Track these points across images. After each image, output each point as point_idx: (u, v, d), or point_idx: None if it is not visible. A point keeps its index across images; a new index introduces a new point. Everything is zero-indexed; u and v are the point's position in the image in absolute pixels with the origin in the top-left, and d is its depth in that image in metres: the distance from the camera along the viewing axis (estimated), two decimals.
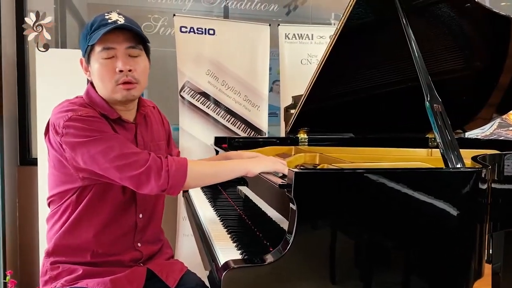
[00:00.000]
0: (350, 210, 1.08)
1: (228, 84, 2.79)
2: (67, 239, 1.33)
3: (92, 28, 1.28)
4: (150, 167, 1.19)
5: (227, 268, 1.01)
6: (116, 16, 1.29)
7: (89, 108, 1.29)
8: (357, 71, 2.06)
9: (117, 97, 1.31)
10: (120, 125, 1.35)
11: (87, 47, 1.29)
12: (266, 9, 3.19)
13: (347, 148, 2.19)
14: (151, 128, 1.47)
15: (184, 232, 2.71)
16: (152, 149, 1.42)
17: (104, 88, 1.31)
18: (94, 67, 1.30)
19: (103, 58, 1.28)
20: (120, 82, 1.28)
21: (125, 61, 1.28)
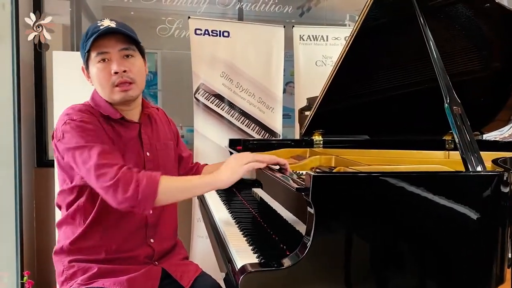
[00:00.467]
0: (368, 213, 1.06)
1: (243, 86, 2.79)
2: (81, 238, 1.35)
3: (87, 35, 1.34)
4: (118, 180, 1.19)
5: (244, 272, 1.00)
6: (108, 22, 1.36)
7: (86, 113, 1.32)
8: (373, 73, 2.04)
9: (116, 99, 1.36)
10: (124, 125, 1.40)
11: (85, 54, 1.36)
12: (280, 11, 3.19)
13: (362, 151, 2.17)
14: (156, 128, 1.51)
15: (199, 234, 2.72)
16: (159, 148, 1.47)
17: (103, 91, 1.37)
18: (92, 72, 1.36)
19: (99, 62, 1.34)
20: (117, 83, 1.33)
21: (120, 62, 1.33)
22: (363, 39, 1.77)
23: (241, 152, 2.14)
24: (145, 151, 1.42)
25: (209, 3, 3.09)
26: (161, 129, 1.53)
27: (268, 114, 2.83)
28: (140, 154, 1.41)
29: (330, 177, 1.07)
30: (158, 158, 1.45)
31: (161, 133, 1.52)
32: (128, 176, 1.19)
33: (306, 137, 2.33)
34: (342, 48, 1.85)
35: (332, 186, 1.04)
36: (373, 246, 1.07)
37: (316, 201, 1.01)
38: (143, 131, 1.43)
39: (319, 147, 2.30)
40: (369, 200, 1.06)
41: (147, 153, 1.42)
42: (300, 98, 2.87)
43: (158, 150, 1.46)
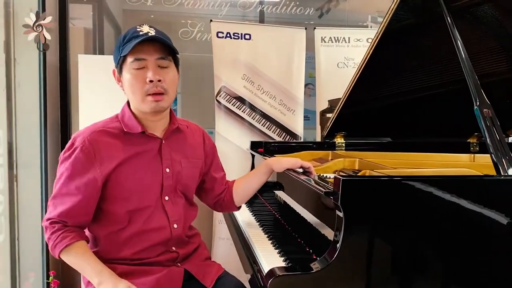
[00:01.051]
0: (397, 217, 1.05)
1: (264, 89, 2.79)
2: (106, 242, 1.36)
3: (125, 40, 1.32)
4: (46, 227, 1.31)
5: (273, 275, 1.00)
6: (148, 28, 1.33)
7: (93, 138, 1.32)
8: (397, 74, 2.02)
9: (145, 109, 1.34)
10: (145, 139, 1.38)
11: (119, 58, 1.33)
12: (301, 13, 3.18)
13: (386, 153, 2.14)
14: (184, 145, 1.46)
15: (220, 236, 2.73)
16: (184, 166, 1.43)
17: (134, 98, 1.35)
18: (126, 78, 1.34)
19: (134, 68, 1.31)
20: (150, 92, 1.31)
21: (155, 71, 1.31)
22: (388, 41, 1.75)
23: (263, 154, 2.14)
24: (164, 167, 1.39)
25: (231, 6, 3.11)
26: (190, 147, 1.48)
27: (289, 116, 2.82)
28: (159, 170, 1.38)
29: (360, 181, 1.06)
30: (180, 175, 1.41)
31: (189, 151, 1.47)
32: (48, 229, 1.30)
33: (328, 139, 2.32)
34: (367, 50, 1.84)
35: (362, 190, 1.04)
36: (402, 250, 1.06)
37: (346, 205, 1.01)
38: (164, 146, 1.40)
39: (341, 149, 2.29)
40: (398, 204, 1.06)
41: (167, 169, 1.39)
42: (321, 100, 2.86)
43: (183, 168, 1.42)
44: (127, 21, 3.37)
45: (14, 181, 2.42)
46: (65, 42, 2.65)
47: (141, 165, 1.35)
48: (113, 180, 1.32)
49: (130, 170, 1.33)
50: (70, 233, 1.28)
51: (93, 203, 1.33)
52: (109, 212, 1.34)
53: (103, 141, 1.32)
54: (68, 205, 1.29)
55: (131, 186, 1.33)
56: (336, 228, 1.05)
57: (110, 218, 1.35)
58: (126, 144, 1.35)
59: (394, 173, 1.40)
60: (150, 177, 1.36)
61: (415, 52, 1.92)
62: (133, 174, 1.34)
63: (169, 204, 1.39)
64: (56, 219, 1.30)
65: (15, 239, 2.43)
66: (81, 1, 3.21)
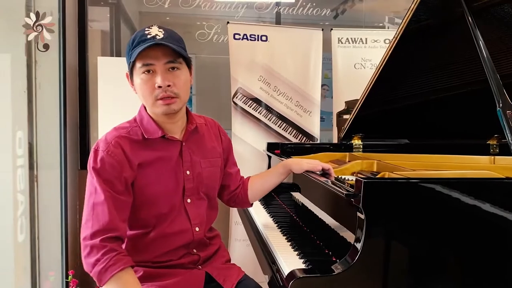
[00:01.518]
0: (419, 219, 1.04)
1: (280, 90, 2.79)
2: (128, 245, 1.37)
3: (133, 44, 1.29)
4: (86, 246, 1.23)
5: (294, 277, 1.00)
6: (156, 30, 1.29)
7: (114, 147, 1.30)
8: (416, 75, 2.00)
9: (157, 112, 1.33)
10: (165, 143, 1.37)
11: (130, 62, 1.31)
12: (318, 14, 3.17)
13: (404, 155, 2.12)
14: (202, 145, 1.45)
15: (236, 237, 2.73)
16: (204, 166, 1.42)
17: (145, 103, 1.35)
18: (136, 82, 1.32)
19: (143, 73, 1.29)
20: (159, 97, 1.29)
21: (164, 76, 1.28)
22: (407, 41, 1.74)
23: (279, 156, 2.14)
24: (184, 170, 1.38)
25: (247, 7, 3.11)
26: (209, 146, 1.47)
27: (305, 118, 2.82)
28: (180, 173, 1.37)
29: (381, 183, 1.06)
30: (201, 176, 1.42)
31: (209, 150, 1.46)
32: (97, 248, 1.21)
33: (345, 141, 2.31)
34: (385, 51, 1.83)
35: (383, 192, 1.03)
36: (423, 252, 1.05)
37: (367, 207, 1.00)
38: (184, 148, 1.39)
39: (359, 151, 2.27)
40: (419, 206, 1.05)
41: (187, 171, 1.38)
42: (338, 102, 2.85)
43: (203, 168, 1.42)
44: (143, 23, 3.40)
45: (35, 182, 2.46)
46: (84, 44, 2.69)
47: (163, 170, 1.35)
48: (137, 186, 1.32)
49: (152, 175, 1.33)
50: (123, 256, 1.23)
51: (129, 206, 1.31)
52: (133, 217, 1.34)
53: (126, 147, 1.31)
54: (111, 213, 1.24)
55: (154, 191, 1.33)
56: (357, 230, 1.04)
57: (135, 223, 1.35)
58: (148, 149, 1.34)
59: (414, 175, 1.38)
60: (173, 181, 1.36)
61: (434, 52, 1.90)
62: (156, 179, 1.34)
63: (191, 207, 1.39)
64: (104, 234, 1.22)
65: (35, 239, 2.47)
66: (98, 4, 3.24)
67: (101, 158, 1.28)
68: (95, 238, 1.22)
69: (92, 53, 2.85)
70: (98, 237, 1.22)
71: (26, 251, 2.43)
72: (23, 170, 2.39)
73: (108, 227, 1.23)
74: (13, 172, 2.31)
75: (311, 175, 1.46)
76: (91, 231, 1.23)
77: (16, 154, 2.32)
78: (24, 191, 2.39)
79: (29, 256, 2.45)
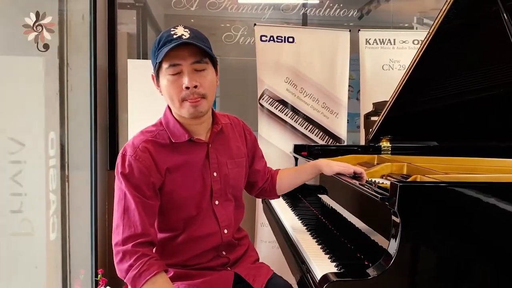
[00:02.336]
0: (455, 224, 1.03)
1: (307, 91, 2.78)
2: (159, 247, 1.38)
3: (159, 44, 1.28)
4: (118, 252, 1.24)
5: (327, 281, 0.99)
6: (182, 30, 1.28)
7: (141, 152, 1.30)
8: (447, 76, 1.97)
9: (184, 114, 1.32)
10: (191, 145, 1.36)
11: (156, 63, 1.30)
12: (345, 15, 3.15)
13: (434, 158, 2.08)
14: (228, 146, 1.45)
15: (262, 239, 2.73)
16: (230, 167, 1.42)
17: (172, 104, 1.33)
18: (163, 84, 1.30)
19: (170, 74, 1.28)
20: (187, 99, 1.28)
21: (191, 77, 1.27)
22: (439, 42, 1.71)
23: (306, 158, 2.13)
24: (212, 171, 1.38)
25: (273, 9, 3.11)
26: (234, 146, 1.47)
27: (332, 120, 2.80)
28: (207, 175, 1.37)
29: (418, 187, 1.04)
30: (228, 177, 1.41)
31: (234, 150, 1.46)
32: (129, 254, 1.23)
33: (373, 143, 2.28)
34: (416, 51, 1.80)
35: (419, 196, 1.01)
36: (460, 257, 1.03)
37: (403, 211, 0.99)
38: (211, 150, 1.39)
39: (387, 153, 2.24)
40: (456, 210, 1.03)
41: (214, 173, 1.38)
42: (366, 103, 2.82)
43: (229, 170, 1.42)
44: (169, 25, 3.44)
45: (66, 182, 2.51)
46: (114, 47, 2.74)
47: (190, 173, 1.35)
48: (165, 190, 1.33)
49: (180, 179, 1.34)
50: (156, 261, 1.24)
51: (157, 210, 1.32)
52: (162, 221, 1.36)
53: (153, 151, 1.31)
54: (141, 218, 1.25)
55: (183, 195, 1.34)
56: (391, 234, 1.03)
57: (164, 226, 1.37)
58: (175, 153, 1.34)
59: (448, 179, 1.36)
60: (200, 184, 1.36)
61: (467, 53, 1.86)
62: (184, 183, 1.34)
63: (219, 209, 1.40)
64: (136, 239, 1.24)
65: (67, 237, 2.53)
66: (125, 7, 3.30)
67: (128, 163, 1.29)
68: (127, 244, 1.23)
69: (119, 55, 2.90)
70: (130, 242, 1.23)
71: (57, 249, 2.48)
72: (55, 170, 2.44)
73: (139, 233, 1.25)
74: (45, 172, 2.36)
75: (343, 178, 1.44)
76: (123, 236, 1.25)
77: (48, 154, 2.38)
78: (56, 190, 2.45)
79: (60, 254, 2.51)
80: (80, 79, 2.49)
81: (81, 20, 2.46)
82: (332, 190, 1.73)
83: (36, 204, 2.36)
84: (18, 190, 2.32)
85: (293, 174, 1.64)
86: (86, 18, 2.46)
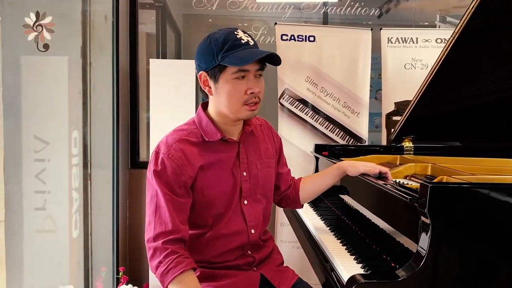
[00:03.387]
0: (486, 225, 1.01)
1: (327, 91, 2.76)
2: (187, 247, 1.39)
3: (225, 47, 1.26)
4: (149, 248, 1.27)
5: (355, 283, 0.98)
6: (243, 34, 1.30)
7: (175, 151, 1.31)
8: (473, 76, 1.92)
9: (240, 116, 1.33)
10: (223, 145, 1.38)
11: (216, 64, 1.28)
12: (366, 14, 3.12)
13: (458, 158, 2.04)
14: (257, 146, 1.47)
15: (282, 239, 2.72)
16: (260, 167, 1.43)
17: (229, 107, 1.32)
18: (224, 87, 1.29)
19: (235, 78, 1.28)
20: (248, 102, 1.30)
21: (255, 83, 1.30)
22: (465, 41, 1.67)
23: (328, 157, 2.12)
24: (242, 171, 1.39)
25: (294, 8, 3.10)
26: (263, 148, 1.48)
27: (353, 119, 2.77)
28: (237, 174, 1.38)
29: (448, 188, 1.02)
30: (257, 178, 1.42)
31: (263, 151, 1.48)
32: (159, 250, 1.25)
33: (395, 143, 2.25)
34: (441, 50, 1.76)
35: (449, 197, 1.00)
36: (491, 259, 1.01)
37: (433, 212, 0.97)
38: (241, 150, 1.41)
39: (410, 153, 2.21)
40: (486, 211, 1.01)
41: (244, 173, 1.39)
42: (387, 103, 2.78)
43: (258, 170, 1.43)
44: (187, 25, 3.46)
45: (88, 180, 2.55)
46: (135, 46, 2.77)
47: (221, 171, 1.36)
48: (196, 188, 1.34)
49: (212, 177, 1.35)
50: (185, 259, 1.25)
51: (188, 208, 1.33)
52: (191, 217, 1.36)
53: (186, 149, 1.33)
54: (172, 216, 1.27)
55: (213, 192, 1.35)
56: (421, 234, 1.01)
57: (192, 223, 1.37)
58: (207, 151, 1.35)
59: (477, 180, 1.33)
60: (230, 182, 1.37)
61: (494, 52, 1.82)
62: (215, 181, 1.35)
63: (248, 208, 1.40)
64: (166, 236, 1.26)
65: (89, 235, 2.56)
66: (144, 7, 3.32)
67: (162, 161, 1.30)
68: (158, 241, 1.26)
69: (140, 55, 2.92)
70: (161, 239, 1.25)
71: (80, 246, 2.52)
72: (77, 168, 2.48)
73: (170, 230, 1.26)
74: (68, 170, 2.40)
75: (368, 179, 1.43)
76: (154, 233, 1.27)
77: (71, 153, 2.42)
78: (78, 188, 2.49)
79: (82, 252, 2.54)
80: (103, 78, 2.52)
81: (103, 21, 2.49)
82: (354, 190, 1.71)
83: (59, 201, 2.40)
84: (42, 187, 2.37)
85: (317, 179, 1.62)
86: (108, 19, 2.49)
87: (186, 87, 2.39)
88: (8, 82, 2.29)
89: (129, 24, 2.80)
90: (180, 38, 3.64)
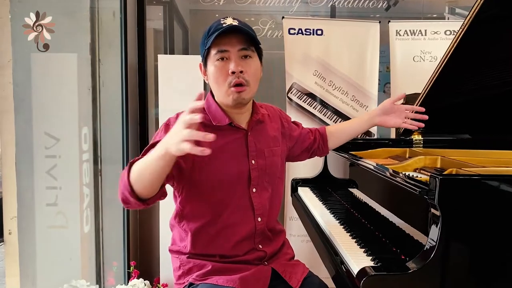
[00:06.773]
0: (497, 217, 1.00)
1: (335, 84, 2.75)
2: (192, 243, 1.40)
3: (209, 33, 1.33)
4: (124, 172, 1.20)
5: (365, 275, 0.98)
6: (231, 20, 1.33)
7: None
8: (483, 68, 1.91)
9: (228, 101, 1.35)
10: (231, 131, 1.39)
11: (204, 51, 1.34)
12: (374, 6, 3.10)
13: (468, 151, 2.03)
14: (265, 134, 1.48)
15: (291, 232, 2.73)
16: (267, 155, 1.45)
17: (218, 91, 1.36)
18: (210, 70, 1.35)
19: (217, 60, 1.32)
20: (232, 84, 1.32)
21: (237, 62, 1.31)
22: (474, 33, 1.66)
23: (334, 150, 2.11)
24: (250, 159, 1.40)
25: (301, 2, 3.09)
26: (271, 136, 1.50)
27: (362, 113, 2.76)
28: (245, 162, 1.39)
29: (458, 180, 1.02)
30: (265, 166, 1.43)
31: (271, 140, 1.49)
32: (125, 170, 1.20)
33: (404, 136, 2.24)
34: (451, 42, 1.75)
35: (460, 189, 0.99)
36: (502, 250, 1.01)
37: (443, 204, 0.97)
38: (250, 138, 1.42)
39: (419, 146, 2.20)
40: (497, 203, 1.01)
41: (252, 161, 1.40)
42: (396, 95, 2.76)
43: (266, 157, 1.44)
44: (193, 21, 3.46)
45: (99, 175, 2.57)
46: (143, 42, 2.77)
47: (229, 156, 1.37)
48: (203, 170, 1.34)
49: (219, 161, 1.35)
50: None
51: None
52: (198, 205, 1.37)
53: (195, 127, 1.33)
54: None
55: (219, 176, 1.35)
56: (431, 227, 1.01)
57: (201, 212, 1.38)
58: (215, 134, 1.36)
59: (487, 172, 1.32)
60: (237, 169, 1.38)
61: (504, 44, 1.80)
62: (222, 165, 1.36)
63: (256, 196, 1.41)
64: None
65: (100, 230, 2.59)
66: (151, 3, 3.33)
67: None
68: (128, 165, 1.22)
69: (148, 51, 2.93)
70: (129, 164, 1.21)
71: (91, 241, 2.54)
72: (88, 164, 2.50)
73: None
74: (79, 166, 2.42)
75: (378, 172, 1.43)
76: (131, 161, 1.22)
77: (82, 149, 2.44)
78: (89, 184, 2.51)
79: (94, 247, 2.57)
80: (112, 75, 2.53)
81: (112, 17, 2.50)
82: (363, 183, 1.71)
83: (70, 197, 2.42)
84: (53, 183, 2.39)
85: (346, 125, 1.81)
86: (116, 15, 2.50)
87: (194, 82, 2.40)
88: (19, 79, 2.31)
89: (137, 20, 2.80)
90: (188, 34, 3.65)
